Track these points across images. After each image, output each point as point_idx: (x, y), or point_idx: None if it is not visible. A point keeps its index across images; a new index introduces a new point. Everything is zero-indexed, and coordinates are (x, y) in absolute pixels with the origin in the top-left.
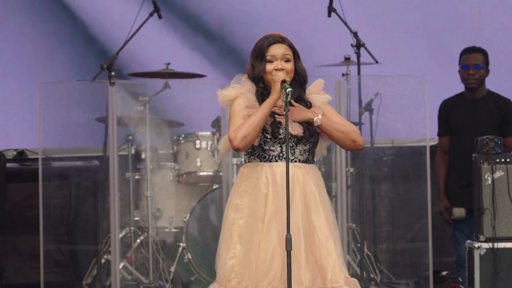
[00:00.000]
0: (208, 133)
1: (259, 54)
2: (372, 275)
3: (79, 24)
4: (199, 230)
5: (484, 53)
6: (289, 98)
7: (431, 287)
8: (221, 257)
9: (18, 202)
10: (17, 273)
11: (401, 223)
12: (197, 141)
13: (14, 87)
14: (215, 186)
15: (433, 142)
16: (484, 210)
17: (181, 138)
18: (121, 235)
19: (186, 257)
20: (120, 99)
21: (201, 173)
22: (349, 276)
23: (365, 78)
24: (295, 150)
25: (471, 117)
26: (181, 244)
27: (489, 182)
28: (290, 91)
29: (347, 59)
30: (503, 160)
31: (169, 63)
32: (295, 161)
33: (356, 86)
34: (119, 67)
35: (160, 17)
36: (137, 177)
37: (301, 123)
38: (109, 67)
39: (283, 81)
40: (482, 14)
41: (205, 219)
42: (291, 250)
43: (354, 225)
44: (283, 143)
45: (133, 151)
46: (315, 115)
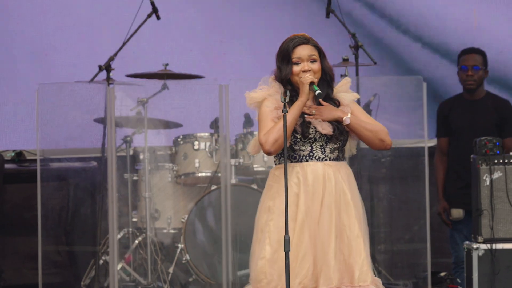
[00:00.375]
0: (207, 134)
1: (285, 57)
2: None
3: (77, 24)
4: (197, 231)
5: (483, 54)
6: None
7: None
8: (253, 259)
9: (16, 203)
10: (15, 274)
11: (399, 224)
12: (196, 142)
13: (12, 87)
14: (213, 187)
15: (432, 143)
16: (482, 211)
17: (179, 139)
18: (119, 236)
19: (184, 258)
20: (118, 100)
21: (200, 174)
22: (374, 275)
23: (364, 79)
24: (325, 149)
25: (469, 118)
26: (179, 245)
27: (488, 183)
28: (319, 93)
29: (345, 60)
30: (501, 161)
31: (167, 64)
32: (326, 159)
33: (354, 87)
34: (117, 68)
35: (158, 18)
36: (135, 178)
37: (330, 122)
38: (107, 68)
39: (311, 83)
40: (480, 15)
41: (204, 220)
42: (289, 251)
43: None
44: (313, 142)
45: (131, 152)
46: (344, 114)
